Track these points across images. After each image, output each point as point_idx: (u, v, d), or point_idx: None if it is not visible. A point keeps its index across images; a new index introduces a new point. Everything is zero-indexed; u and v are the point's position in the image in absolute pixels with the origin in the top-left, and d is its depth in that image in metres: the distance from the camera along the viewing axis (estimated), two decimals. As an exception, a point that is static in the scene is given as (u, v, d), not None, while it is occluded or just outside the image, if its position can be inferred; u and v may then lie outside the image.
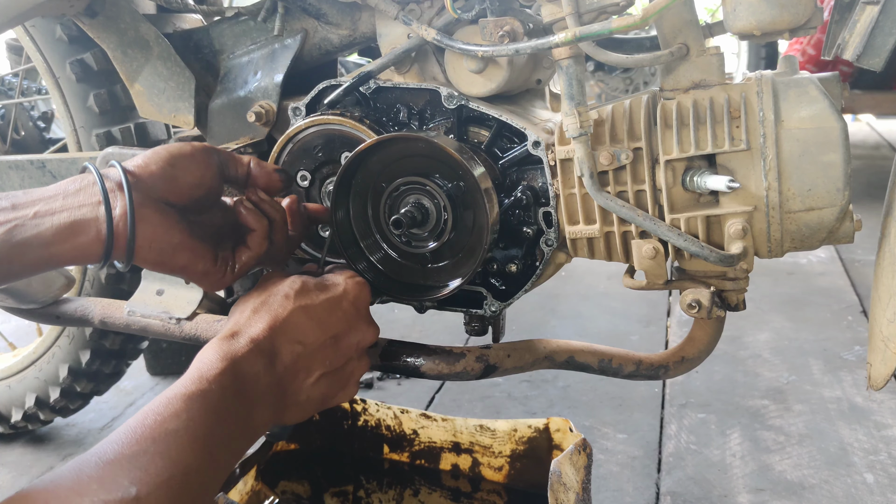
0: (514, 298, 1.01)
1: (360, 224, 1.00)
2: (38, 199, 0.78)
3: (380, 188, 0.98)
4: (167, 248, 0.82)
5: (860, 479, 1.49)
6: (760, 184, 0.84)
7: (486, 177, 0.93)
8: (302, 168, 1.06)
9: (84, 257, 0.79)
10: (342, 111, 1.02)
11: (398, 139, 0.94)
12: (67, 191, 0.79)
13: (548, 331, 2.26)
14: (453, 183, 0.95)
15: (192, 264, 0.85)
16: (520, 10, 0.95)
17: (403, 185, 0.96)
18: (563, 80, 0.86)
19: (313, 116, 1.03)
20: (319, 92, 1.05)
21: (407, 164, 0.96)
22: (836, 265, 2.69)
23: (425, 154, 0.95)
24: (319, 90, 1.05)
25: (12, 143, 1.89)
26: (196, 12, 1.26)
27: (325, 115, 1.02)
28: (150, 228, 0.80)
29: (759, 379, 1.91)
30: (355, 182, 0.98)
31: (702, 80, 0.87)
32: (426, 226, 0.96)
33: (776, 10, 0.79)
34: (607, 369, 1.04)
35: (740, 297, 0.93)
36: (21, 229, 0.75)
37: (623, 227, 0.91)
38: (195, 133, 1.30)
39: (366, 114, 1.03)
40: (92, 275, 1.52)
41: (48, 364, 1.63)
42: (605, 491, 1.50)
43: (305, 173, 1.06)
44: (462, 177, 0.94)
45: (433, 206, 0.96)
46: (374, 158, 0.96)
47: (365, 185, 0.98)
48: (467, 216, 0.96)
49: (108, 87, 1.42)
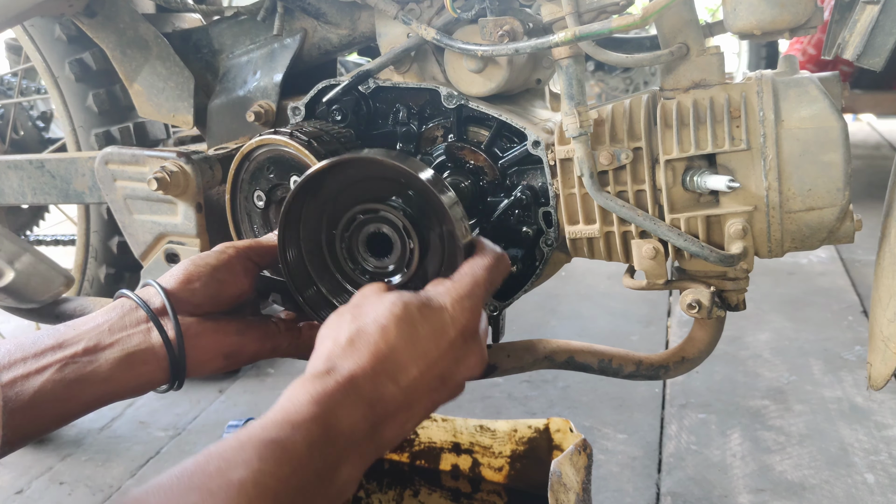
0: (514, 298, 1.01)
1: (316, 263, 0.89)
2: (83, 334, 0.76)
3: (334, 219, 0.86)
4: (224, 357, 0.82)
5: (861, 479, 1.49)
6: (760, 183, 0.84)
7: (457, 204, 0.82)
8: (258, 188, 1.01)
9: (146, 387, 0.78)
10: (293, 130, 0.96)
11: (337, 166, 0.82)
12: (112, 321, 0.77)
13: (548, 331, 2.26)
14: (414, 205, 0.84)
15: (258, 353, 0.85)
16: (519, 10, 0.94)
17: (360, 215, 0.85)
18: (563, 80, 0.86)
19: (264, 135, 0.97)
20: (319, 91, 1.05)
21: (361, 189, 0.85)
22: (837, 265, 2.69)
23: (380, 176, 0.84)
24: (318, 89, 1.05)
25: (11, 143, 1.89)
26: (195, 12, 1.26)
27: (275, 135, 0.96)
28: (202, 347, 0.80)
29: (760, 379, 1.91)
30: (305, 215, 0.87)
31: (702, 79, 0.87)
32: (390, 257, 0.85)
33: (776, 10, 0.79)
34: (607, 369, 1.04)
35: (740, 297, 0.93)
36: (73, 367, 0.73)
37: (623, 227, 0.91)
38: (194, 133, 1.30)
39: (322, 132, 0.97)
40: (91, 274, 1.52)
41: (47, 364, 1.62)
42: (605, 491, 1.50)
43: (261, 193, 1.01)
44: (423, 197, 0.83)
45: (395, 235, 0.84)
46: (324, 187, 0.85)
47: (316, 218, 0.87)
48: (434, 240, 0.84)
49: (107, 86, 1.42)
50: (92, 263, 1.51)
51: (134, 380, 0.76)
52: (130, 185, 1.15)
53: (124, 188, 1.16)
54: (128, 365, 0.75)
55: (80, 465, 1.69)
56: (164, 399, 1.92)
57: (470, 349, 0.75)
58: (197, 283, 0.81)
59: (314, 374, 0.68)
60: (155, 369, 0.77)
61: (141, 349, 0.76)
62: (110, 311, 0.79)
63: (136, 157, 1.13)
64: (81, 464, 1.69)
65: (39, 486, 1.61)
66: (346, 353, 0.69)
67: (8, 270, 1.23)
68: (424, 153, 1.03)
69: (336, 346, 0.71)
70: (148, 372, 0.77)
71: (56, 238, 2.16)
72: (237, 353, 0.84)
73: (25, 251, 1.24)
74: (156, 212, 1.14)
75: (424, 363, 0.71)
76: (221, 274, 0.83)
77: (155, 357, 0.77)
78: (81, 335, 0.75)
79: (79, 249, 1.54)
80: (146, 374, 0.77)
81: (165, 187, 1.07)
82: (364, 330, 0.71)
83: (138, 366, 0.76)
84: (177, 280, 0.81)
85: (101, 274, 1.51)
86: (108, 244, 1.49)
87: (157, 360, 0.77)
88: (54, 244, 2.16)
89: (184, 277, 0.81)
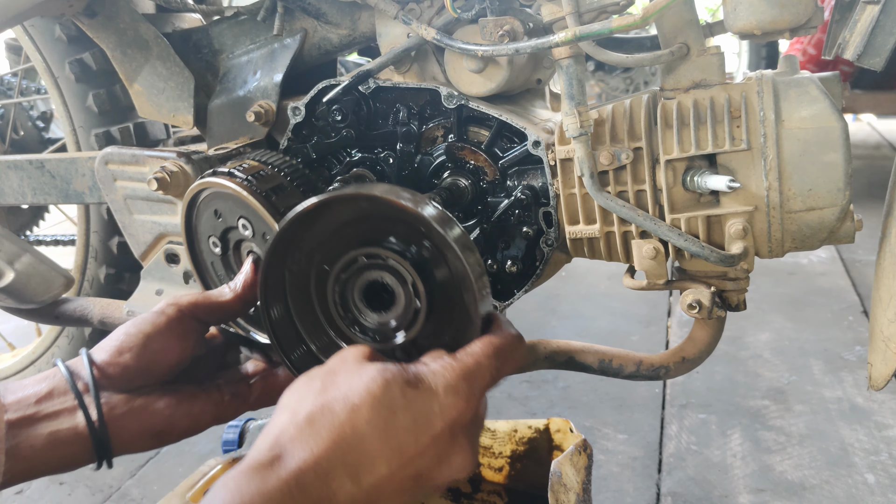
0: (514, 298, 1.01)
1: (306, 319, 0.79)
2: (11, 405, 0.72)
3: (330, 257, 0.75)
4: (153, 436, 0.77)
5: (861, 479, 1.49)
6: (761, 184, 0.84)
7: (484, 274, 0.70)
8: (212, 234, 0.94)
9: (70, 466, 0.74)
10: (231, 169, 0.88)
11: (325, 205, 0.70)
12: (41, 394, 0.73)
13: (548, 331, 2.26)
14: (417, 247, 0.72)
15: (193, 430, 0.79)
16: (520, 10, 0.94)
17: (363, 258, 0.74)
18: (564, 80, 0.86)
19: (204, 177, 0.89)
20: (319, 91, 1.05)
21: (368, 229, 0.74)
22: (837, 265, 2.69)
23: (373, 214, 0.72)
24: (319, 89, 1.05)
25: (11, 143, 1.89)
26: (195, 12, 1.26)
27: (213, 176, 0.89)
28: (128, 428, 0.75)
29: (760, 379, 1.91)
30: (291, 262, 0.77)
31: (702, 79, 0.87)
32: (389, 313, 0.75)
33: (777, 10, 0.79)
34: (607, 369, 1.04)
35: (741, 297, 0.93)
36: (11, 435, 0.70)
37: (623, 227, 0.91)
38: (194, 133, 1.30)
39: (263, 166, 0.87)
40: (91, 274, 1.52)
41: (47, 364, 1.62)
42: (605, 491, 1.50)
43: (215, 240, 0.94)
44: (445, 256, 0.71)
45: (399, 289, 0.73)
46: (317, 225, 0.74)
47: (303, 269, 0.77)
48: (445, 302, 0.73)
49: (108, 86, 1.42)
50: (92, 264, 1.51)
51: (58, 460, 0.72)
52: (130, 186, 1.15)
53: (124, 188, 1.16)
54: (51, 446, 0.72)
55: (81, 465, 1.69)
56: (164, 399, 1.93)
57: (458, 446, 0.63)
58: (128, 354, 0.75)
59: (256, 463, 0.57)
60: (79, 450, 0.73)
61: (65, 429, 0.72)
62: (41, 382, 0.75)
63: (137, 157, 1.13)
64: (81, 464, 1.69)
65: (39, 486, 1.61)
66: (300, 436, 0.58)
67: (8, 271, 1.23)
68: (424, 153, 1.03)
69: (291, 424, 0.59)
70: (72, 453, 0.73)
71: (56, 238, 2.16)
72: (167, 433, 0.78)
73: (25, 251, 1.24)
74: (156, 212, 1.14)
75: (397, 460, 0.59)
76: (156, 343, 0.76)
77: (79, 438, 0.73)
78: (9, 405, 0.72)
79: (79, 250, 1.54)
80: (70, 455, 0.73)
81: (165, 187, 1.07)
82: (330, 407, 0.59)
83: (61, 447, 0.72)
84: (108, 352, 0.76)
85: (101, 274, 1.51)
86: (109, 244, 1.49)
87: (81, 441, 0.73)
88: (54, 244, 2.16)
89: (115, 349, 0.76)
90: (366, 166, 1.07)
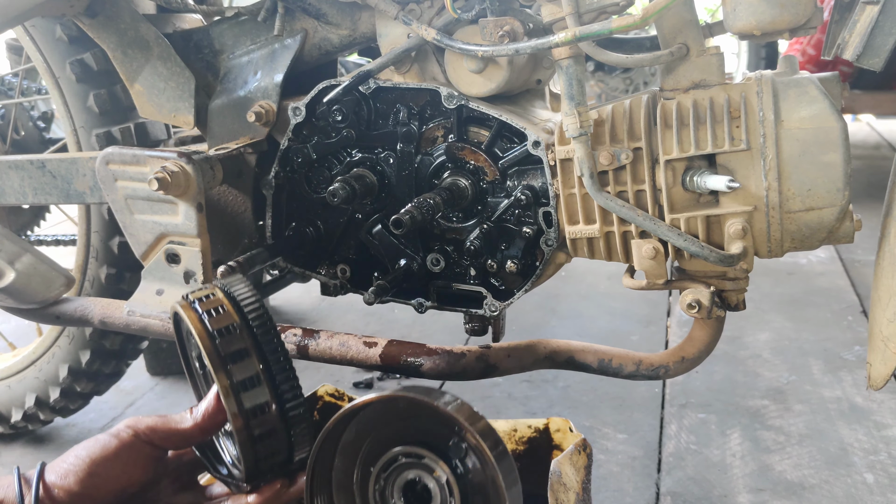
0: (514, 298, 1.01)
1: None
2: None
3: (372, 456, 0.79)
4: None
5: (860, 479, 1.49)
6: (760, 184, 0.84)
7: (520, 495, 0.71)
8: (194, 351, 0.88)
9: None
10: (191, 301, 0.79)
11: (381, 403, 0.75)
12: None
13: (548, 331, 2.26)
14: (469, 470, 0.75)
15: None
16: (520, 10, 0.95)
17: (402, 457, 0.77)
18: (563, 80, 0.86)
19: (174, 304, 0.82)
20: (319, 91, 1.05)
21: (410, 428, 0.77)
22: (836, 265, 2.69)
23: (439, 422, 0.75)
24: (319, 90, 1.05)
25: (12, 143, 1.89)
26: (196, 12, 1.26)
27: (179, 304, 0.82)
28: None
29: (760, 379, 1.91)
30: (334, 465, 0.80)
31: (702, 80, 0.87)
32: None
33: (776, 10, 0.79)
34: (607, 369, 1.04)
35: (740, 296, 0.93)
36: None
37: (623, 227, 0.91)
38: (195, 133, 1.30)
39: (218, 303, 0.77)
40: (92, 274, 1.52)
41: (48, 364, 1.62)
42: (605, 491, 1.50)
43: (194, 360, 0.90)
44: (486, 472, 0.73)
45: (437, 490, 0.76)
46: (365, 420, 0.77)
47: (347, 467, 0.80)
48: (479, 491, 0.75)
49: (108, 87, 1.42)
50: (93, 264, 1.51)
51: None
52: (131, 186, 1.15)
53: (125, 188, 1.16)
54: None
55: (81, 464, 1.69)
56: (164, 399, 1.93)
57: None
58: (72, 478, 0.74)
59: None
60: None
61: None
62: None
63: (137, 157, 1.14)
64: (82, 464, 1.69)
65: (40, 486, 1.61)
66: None
67: (9, 271, 1.23)
68: (425, 153, 1.03)
69: None
70: None
71: (57, 238, 2.16)
72: None
73: (26, 251, 1.24)
74: (157, 212, 1.14)
75: None
76: (102, 469, 0.75)
77: None
78: None
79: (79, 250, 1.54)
80: None
81: (166, 187, 1.07)
82: None
83: None
84: (56, 473, 0.75)
85: (101, 274, 1.51)
86: (109, 244, 1.49)
87: None
88: (55, 244, 2.16)
89: (63, 471, 0.75)
90: (366, 166, 1.07)
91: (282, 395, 0.75)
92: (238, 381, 0.74)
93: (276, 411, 0.75)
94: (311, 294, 2.59)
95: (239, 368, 0.74)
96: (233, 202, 1.24)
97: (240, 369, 0.74)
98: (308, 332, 1.09)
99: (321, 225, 1.13)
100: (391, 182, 1.06)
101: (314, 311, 2.49)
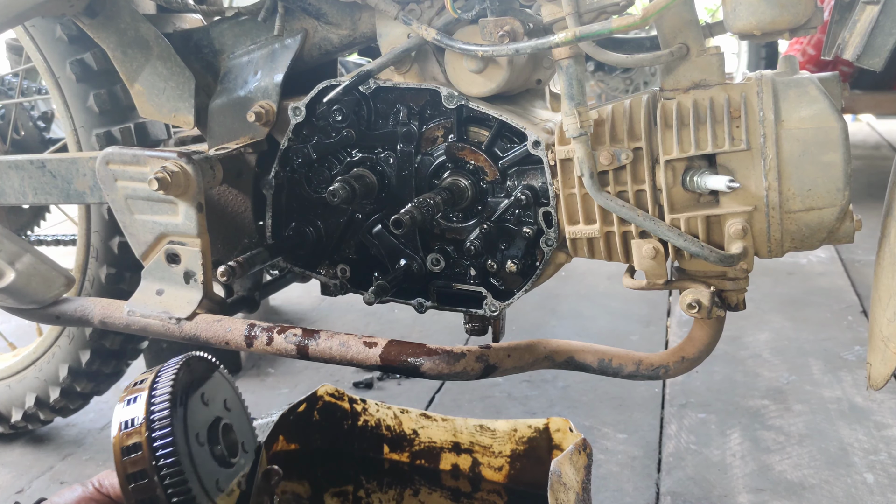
0: (514, 298, 1.01)
1: None
2: None
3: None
4: None
5: (860, 479, 1.49)
6: (760, 184, 0.84)
7: None
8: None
9: None
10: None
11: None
12: None
13: (548, 331, 2.26)
14: None
15: None
16: (520, 10, 0.95)
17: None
18: (563, 80, 0.86)
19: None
20: (319, 91, 1.05)
21: None
22: (837, 265, 2.69)
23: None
24: (319, 90, 1.05)
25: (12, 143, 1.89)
26: (196, 12, 1.26)
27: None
28: None
29: (759, 379, 1.91)
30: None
31: (702, 79, 0.87)
32: None
33: (776, 10, 0.79)
34: (607, 369, 1.04)
35: (740, 296, 0.93)
36: None
37: (623, 227, 0.91)
38: (195, 133, 1.30)
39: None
40: (92, 274, 1.52)
41: (48, 364, 1.62)
42: (605, 491, 1.50)
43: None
44: None
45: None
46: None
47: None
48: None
49: (108, 86, 1.42)
50: (93, 263, 1.51)
51: None
52: (131, 186, 1.15)
53: (125, 188, 1.16)
54: None
55: (81, 464, 1.69)
56: (164, 399, 1.92)
57: None
58: None
59: None
60: None
61: None
62: None
63: (137, 157, 1.14)
64: (82, 463, 1.69)
65: (40, 486, 1.61)
66: None
67: (9, 271, 1.23)
68: (425, 153, 1.03)
69: None
70: None
71: (57, 238, 2.17)
72: None
73: (26, 251, 1.24)
74: (157, 212, 1.14)
75: None
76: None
77: None
78: None
79: (79, 249, 1.54)
80: None
81: (166, 187, 1.07)
82: None
83: None
84: None
85: (101, 274, 1.51)
86: (109, 244, 1.49)
87: None
88: (55, 244, 2.16)
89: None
90: (366, 166, 1.07)
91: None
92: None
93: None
94: (311, 294, 2.59)
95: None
96: (233, 202, 1.24)
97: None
98: (308, 332, 1.09)
99: (321, 225, 1.13)
100: (391, 182, 1.06)
101: (314, 311, 2.49)
